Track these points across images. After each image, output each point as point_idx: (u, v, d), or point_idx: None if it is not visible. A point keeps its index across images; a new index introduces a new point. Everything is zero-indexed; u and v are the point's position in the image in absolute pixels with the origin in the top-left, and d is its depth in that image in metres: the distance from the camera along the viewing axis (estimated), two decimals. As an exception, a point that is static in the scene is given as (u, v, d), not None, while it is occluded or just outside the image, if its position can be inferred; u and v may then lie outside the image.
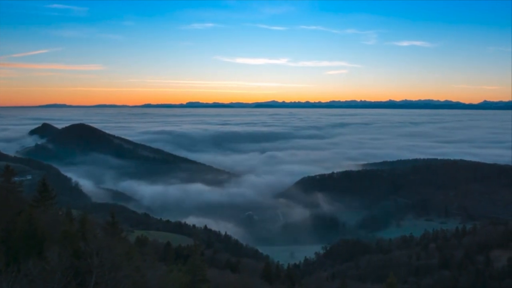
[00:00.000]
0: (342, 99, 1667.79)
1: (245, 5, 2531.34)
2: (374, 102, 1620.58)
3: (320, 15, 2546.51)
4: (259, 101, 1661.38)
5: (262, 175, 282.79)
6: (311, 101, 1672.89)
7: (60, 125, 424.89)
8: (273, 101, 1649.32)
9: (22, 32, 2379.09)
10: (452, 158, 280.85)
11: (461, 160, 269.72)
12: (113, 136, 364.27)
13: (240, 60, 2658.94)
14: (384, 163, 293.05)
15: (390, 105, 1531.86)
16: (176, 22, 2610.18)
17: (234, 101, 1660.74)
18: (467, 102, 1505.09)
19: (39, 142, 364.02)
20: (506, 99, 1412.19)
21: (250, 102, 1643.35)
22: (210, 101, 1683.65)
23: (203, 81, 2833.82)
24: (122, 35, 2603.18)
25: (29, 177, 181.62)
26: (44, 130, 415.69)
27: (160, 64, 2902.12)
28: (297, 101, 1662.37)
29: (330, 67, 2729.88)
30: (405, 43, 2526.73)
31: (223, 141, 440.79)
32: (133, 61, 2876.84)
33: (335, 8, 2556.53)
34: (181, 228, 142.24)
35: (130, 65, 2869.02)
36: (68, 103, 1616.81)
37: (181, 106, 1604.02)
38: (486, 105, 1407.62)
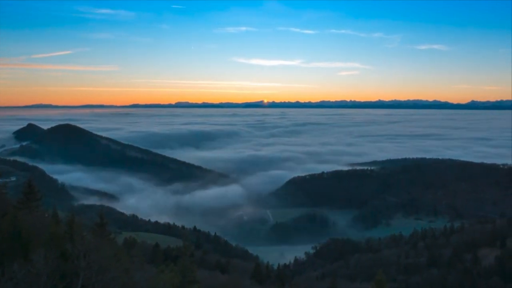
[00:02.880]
0: (332, 99, 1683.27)
1: (282, 10, 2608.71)
2: (364, 102, 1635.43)
3: (350, 20, 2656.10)
4: (249, 101, 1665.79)
5: (253, 175, 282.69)
6: (301, 101, 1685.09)
7: (45, 126, 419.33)
8: (263, 101, 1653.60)
9: (55, 34, 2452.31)
10: (441, 158, 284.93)
11: (449, 160, 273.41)
12: (100, 137, 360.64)
13: (254, 61, 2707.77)
14: (373, 162, 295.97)
15: (380, 105, 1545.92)
16: (211, 26, 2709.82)
17: (224, 101, 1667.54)
18: (455, 102, 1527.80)
19: (24, 143, 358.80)
20: (493, 99, 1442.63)
21: (240, 102, 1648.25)
22: (200, 101, 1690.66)
23: (206, 82, 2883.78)
24: (152, 38, 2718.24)
25: (13, 178, 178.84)
26: (29, 130, 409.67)
27: (172, 65, 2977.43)
28: (287, 101, 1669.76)
29: (343, 68, 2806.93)
30: (423, 47, 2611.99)
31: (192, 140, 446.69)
32: (147, 63, 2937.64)
33: (366, 14, 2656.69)
34: (170, 229, 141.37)
35: (142, 67, 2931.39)
36: (54, 103, 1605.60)
37: (170, 106, 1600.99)
38: (473, 105, 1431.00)
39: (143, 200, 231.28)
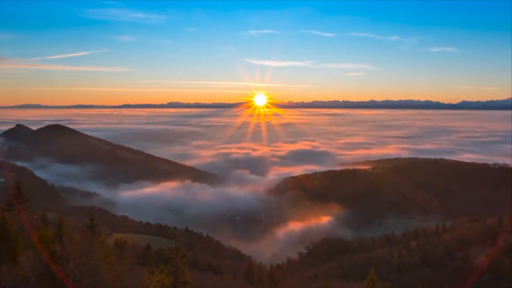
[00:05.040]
0: (325, 99, 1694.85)
1: (312, 15, 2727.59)
2: (356, 102, 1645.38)
3: (372, 23, 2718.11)
4: (241, 101, 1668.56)
5: (245, 175, 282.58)
6: (294, 101, 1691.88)
7: (34, 126, 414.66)
8: (252, 102, 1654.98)
9: (79, 35, 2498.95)
10: (432, 157, 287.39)
11: (441, 159, 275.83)
12: (90, 137, 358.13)
13: (266, 63, 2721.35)
14: (366, 162, 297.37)
15: (372, 105, 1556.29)
16: (236, 28, 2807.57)
17: (216, 102, 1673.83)
18: (446, 102, 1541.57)
19: (12, 144, 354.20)
20: (484, 99, 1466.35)
21: (232, 102, 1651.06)
22: (192, 102, 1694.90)
23: (207, 83, 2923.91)
24: (173, 41, 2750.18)
25: (1, 180, 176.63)
26: (17, 131, 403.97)
27: (181, 67, 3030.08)
28: (279, 101, 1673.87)
29: (350, 70, 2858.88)
30: (435, 49, 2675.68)
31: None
32: (159, 65, 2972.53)
33: (387, 17, 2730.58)
34: (161, 231, 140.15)
35: (151, 68, 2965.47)
36: (43, 103, 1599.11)
37: (162, 106, 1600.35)
38: (464, 105, 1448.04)
39: (135, 200, 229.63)
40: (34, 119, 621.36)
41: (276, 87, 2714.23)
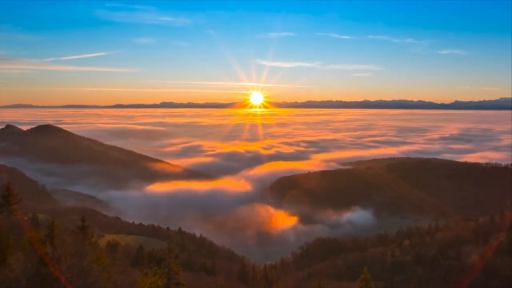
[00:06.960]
0: (318, 99, 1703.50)
1: (336, 20, 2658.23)
2: (350, 102, 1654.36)
3: (389, 27, 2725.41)
4: (234, 101, 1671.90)
5: (239, 175, 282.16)
6: (288, 101, 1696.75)
7: (25, 126, 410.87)
8: (245, 102, 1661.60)
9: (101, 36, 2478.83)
10: (425, 157, 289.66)
11: (434, 159, 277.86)
12: (82, 138, 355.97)
13: (274, 63, 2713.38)
14: (359, 162, 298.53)
15: (365, 105, 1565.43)
16: (255, 31, 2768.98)
17: (210, 101, 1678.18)
18: (439, 102, 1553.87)
19: (2, 144, 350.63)
20: (476, 99, 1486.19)
21: (225, 102, 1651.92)
22: (185, 101, 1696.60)
23: (205, 83, 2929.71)
24: (189, 43, 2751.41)
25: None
26: (7, 131, 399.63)
27: (190, 68, 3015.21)
28: (273, 101, 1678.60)
29: (357, 70, 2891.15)
30: (444, 51, 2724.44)
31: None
32: (167, 65, 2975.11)
33: (404, 21, 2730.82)
34: (154, 232, 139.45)
35: (160, 68, 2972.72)
36: (34, 103, 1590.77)
37: (155, 106, 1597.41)
38: (457, 105, 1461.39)
39: (127, 201, 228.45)
40: (25, 120, 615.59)
41: (275, 87, 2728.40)
